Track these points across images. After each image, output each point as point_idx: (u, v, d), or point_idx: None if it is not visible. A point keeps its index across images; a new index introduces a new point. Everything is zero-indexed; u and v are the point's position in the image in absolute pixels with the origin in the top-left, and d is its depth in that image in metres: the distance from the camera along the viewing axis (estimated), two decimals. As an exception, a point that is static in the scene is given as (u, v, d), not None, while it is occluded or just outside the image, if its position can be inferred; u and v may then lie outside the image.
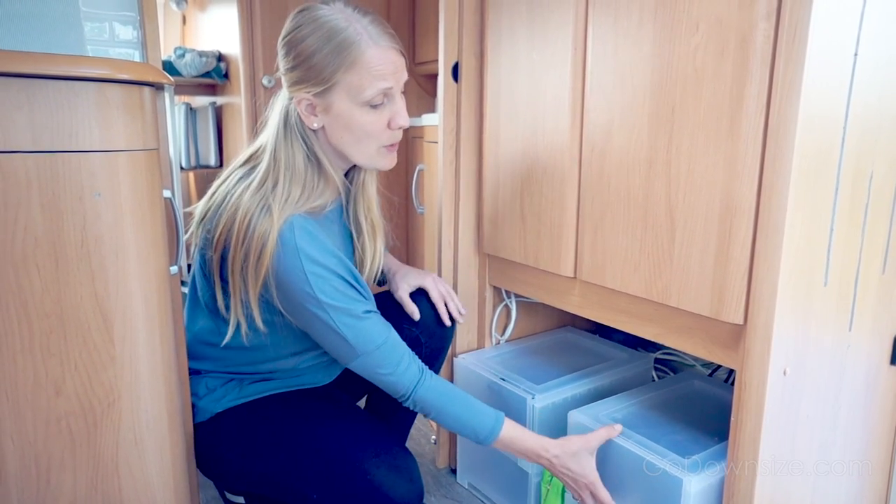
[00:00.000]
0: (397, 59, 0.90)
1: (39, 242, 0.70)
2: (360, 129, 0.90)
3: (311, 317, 0.90)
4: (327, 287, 0.88)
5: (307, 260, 0.87)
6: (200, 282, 1.00)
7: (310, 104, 0.91)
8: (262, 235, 0.87)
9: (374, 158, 0.94)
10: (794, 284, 0.84)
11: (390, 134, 0.92)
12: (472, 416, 0.97)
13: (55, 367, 0.73)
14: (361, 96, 0.88)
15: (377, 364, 0.94)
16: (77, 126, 0.70)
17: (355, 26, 0.87)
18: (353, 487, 0.91)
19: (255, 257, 0.87)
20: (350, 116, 0.89)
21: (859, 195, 0.91)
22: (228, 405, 1.02)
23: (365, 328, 0.92)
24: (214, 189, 0.99)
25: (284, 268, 0.87)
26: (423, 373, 0.96)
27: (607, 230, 1.04)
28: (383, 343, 0.93)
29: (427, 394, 0.95)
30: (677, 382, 1.25)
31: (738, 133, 0.83)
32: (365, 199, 1.04)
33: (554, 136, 1.12)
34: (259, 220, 0.87)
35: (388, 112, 0.91)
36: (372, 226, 1.05)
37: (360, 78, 0.87)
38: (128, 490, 0.82)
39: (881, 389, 1.08)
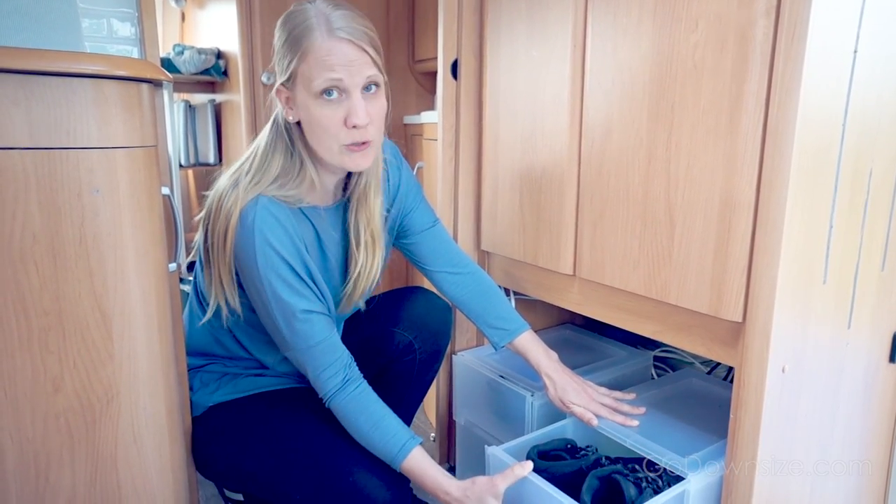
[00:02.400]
0: (353, 53, 0.87)
1: (38, 239, 0.70)
2: (315, 122, 0.89)
3: (256, 297, 0.92)
4: (273, 273, 0.89)
5: (261, 240, 0.88)
6: (201, 266, 1.01)
7: (287, 97, 0.92)
8: (228, 211, 0.89)
9: (337, 157, 0.91)
10: (793, 282, 0.84)
11: (347, 132, 0.89)
12: (381, 437, 0.92)
13: (53, 364, 0.73)
14: (312, 87, 0.87)
15: (304, 362, 0.94)
16: (75, 123, 0.70)
17: (319, 18, 0.87)
18: (335, 489, 0.91)
19: (223, 234, 0.90)
20: (307, 108, 0.89)
21: (858, 192, 0.90)
22: (221, 399, 1.02)
23: (301, 327, 0.91)
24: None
25: (240, 243, 0.89)
26: (345, 383, 0.93)
27: (606, 227, 1.04)
28: (317, 344, 0.92)
29: (341, 405, 0.93)
30: (676, 380, 1.25)
31: (738, 130, 0.83)
32: (366, 209, 1.02)
33: (553, 133, 1.12)
34: (227, 199, 0.90)
35: (345, 108, 0.88)
36: (371, 237, 1.02)
37: (311, 68, 0.87)
38: (126, 487, 0.82)
39: (880, 387, 1.08)
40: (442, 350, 1.20)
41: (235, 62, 1.97)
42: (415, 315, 1.13)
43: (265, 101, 1.98)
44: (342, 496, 0.90)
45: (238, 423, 1.01)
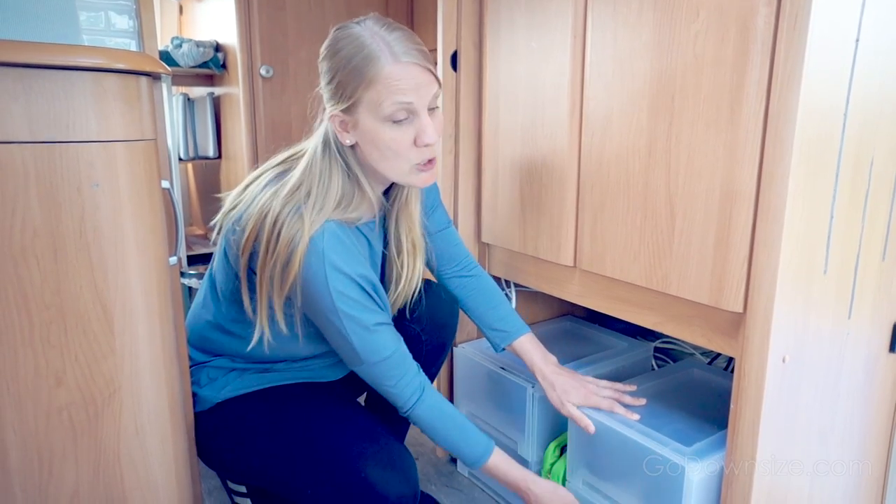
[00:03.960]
0: (419, 75, 0.87)
1: (38, 233, 0.70)
2: (385, 146, 0.89)
3: (325, 320, 0.91)
4: (345, 296, 0.89)
5: (330, 266, 0.87)
6: (223, 271, 1.00)
7: (342, 121, 0.91)
8: (292, 241, 0.87)
9: (407, 176, 0.93)
10: (793, 272, 0.84)
11: (418, 152, 0.90)
12: (464, 440, 0.98)
13: (55, 358, 0.73)
14: (381, 112, 0.87)
15: (380, 375, 0.95)
16: (74, 116, 0.70)
17: (379, 43, 0.85)
18: (347, 484, 0.91)
19: (283, 263, 0.87)
20: (375, 133, 0.89)
21: (860, 182, 0.90)
22: (229, 395, 1.02)
23: (373, 339, 0.92)
24: (246, 184, 0.98)
25: (308, 272, 0.88)
26: (423, 391, 0.97)
27: (607, 219, 1.04)
28: (389, 356, 0.94)
29: (424, 412, 0.96)
30: (677, 371, 1.25)
31: (739, 120, 0.83)
32: (407, 218, 1.03)
33: (553, 124, 1.12)
34: (289, 227, 0.87)
35: (414, 128, 0.89)
36: (413, 245, 1.05)
37: (379, 94, 0.86)
38: (130, 480, 0.82)
39: (880, 377, 1.08)
40: (448, 343, 1.20)
41: (234, 55, 1.96)
42: (423, 307, 1.14)
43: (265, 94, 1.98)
44: (354, 491, 0.91)
45: (247, 417, 1.01)
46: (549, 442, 1.24)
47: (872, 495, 1.17)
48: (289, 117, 2.05)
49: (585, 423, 1.05)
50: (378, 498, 0.90)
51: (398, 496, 0.91)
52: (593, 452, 1.08)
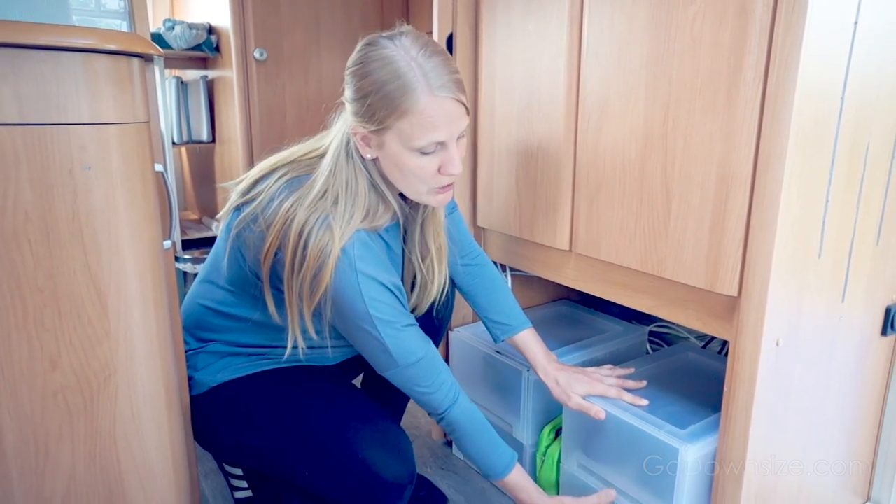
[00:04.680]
0: (454, 110, 0.85)
1: (30, 216, 0.69)
2: (409, 171, 0.88)
3: (356, 328, 0.90)
4: (377, 300, 0.88)
5: (362, 275, 0.87)
6: (234, 266, 0.98)
7: (364, 136, 0.89)
8: (322, 253, 0.85)
9: (423, 197, 0.92)
10: (788, 256, 0.85)
11: (440, 178, 0.90)
12: (494, 449, 0.98)
13: (50, 342, 0.73)
14: (411, 144, 0.85)
15: (416, 377, 0.93)
16: (65, 98, 0.69)
17: (415, 72, 0.82)
18: (344, 466, 0.92)
19: (313, 274, 0.86)
20: (400, 158, 0.87)
21: (855, 167, 0.90)
22: (225, 378, 1.02)
23: (407, 341, 0.91)
24: (256, 178, 0.95)
25: (340, 283, 0.87)
26: (458, 394, 0.96)
27: (603, 203, 1.04)
28: (423, 356, 0.93)
29: (461, 417, 0.96)
30: (672, 354, 1.26)
31: (735, 104, 0.82)
32: (434, 224, 1.03)
33: (550, 108, 1.11)
34: (318, 238, 0.86)
35: (440, 159, 0.88)
36: (439, 249, 1.04)
37: (412, 127, 0.84)
38: (126, 463, 0.82)
39: (871, 360, 1.09)
40: (445, 324, 1.21)
41: (227, 38, 1.94)
42: None
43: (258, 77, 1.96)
44: (352, 473, 0.91)
45: (244, 399, 1.01)
46: (545, 425, 1.25)
47: (861, 474, 1.19)
48: (283, 101, 2.03)
49: (595, 410, 1.04)
50: (374, 479, 0.91)
51: (394, 477, 0.92)
52: (588, 435, 1.09)
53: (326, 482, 0.93)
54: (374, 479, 0.91)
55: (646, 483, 1.00)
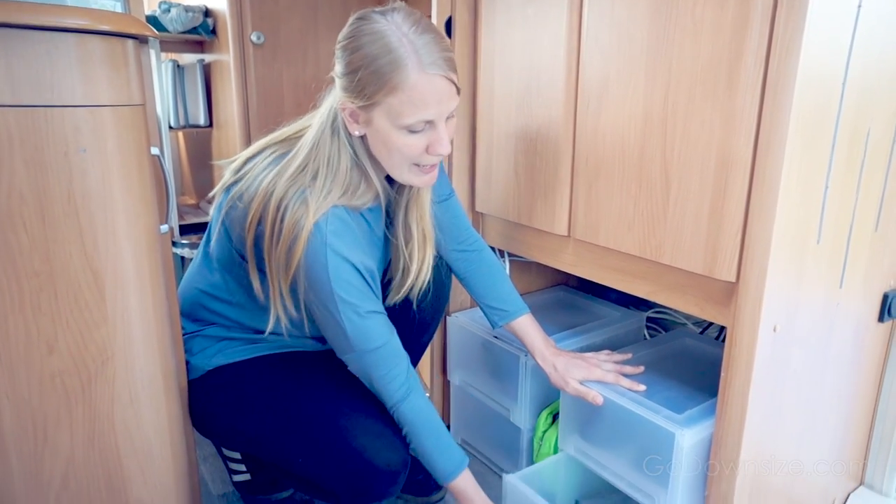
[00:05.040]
0: (444, 89, 0.84)
1: (25, 199, 0.69)
2: (395, 149, 0.87)
3: (320, 305, 0.90)
4: (342, 279, 0.88)
5: (331, 250, 0.86)
6: (221, 245, 0.99)
7: (352, 112, 0.88)
8: (296, 226, 0.85)
9: (408, 176, 0.92)
10: (787, 242, 0.84)
11: (427, 157, 0.89)
12: (441, 452, 0.95)
13: (47, 325, 0.73)
14: (399, 121, 0.85)
15: (369, 365, 0.93)
16: (58, 79, 0.69)
17: (406, 48, 0.81)
18: (337, 453, 0.92)
19: (288, 247, 0.86)
20: (387, 135, 0.87)
21: (856, 152, 0.90)
22: (221, 362, 1.02)
23: (367, 326, 0.91)
24: (247, 157, 0.96)
25: (309, 257, 0.86)
26: (411, 390, 0.94)
27: (602, 188, 1.03)
28: (381, 346, 0.92)
29: (409, 414, 0.94)
30: (669, 340, 1.26)
31: (736, 88, 0.82)
32: (418, 207, 1.01)
33: (549, 92, 1.11)
34: (294, 210, 0.86)
35: (428, 138, 0.87)
36: (423, 233, 1.03)
37: (401, 104, 0.83)
38: (125, 446, 0.82)
39: (868, 346, 1.09)
40: (441, 311, 1.21)
41: (224, 21, 1.92)
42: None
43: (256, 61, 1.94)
44: (345, 460, 0.92)
45: (238, 385, 1.01)
46: (542, 410, 1.25)
47: (856, 458, 1.20)
48: (280, 85, 2.01)
49: (593, 395, 1.04)
50: (367, 466, 0.91)
51: (387, 464, 0.92)
52: (585, 420, 1.10)
53: (320, 469, 0.94)
54: (367, 467, 0.91)
55: (643, 468, 1.00)
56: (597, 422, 1.07)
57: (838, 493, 1.18)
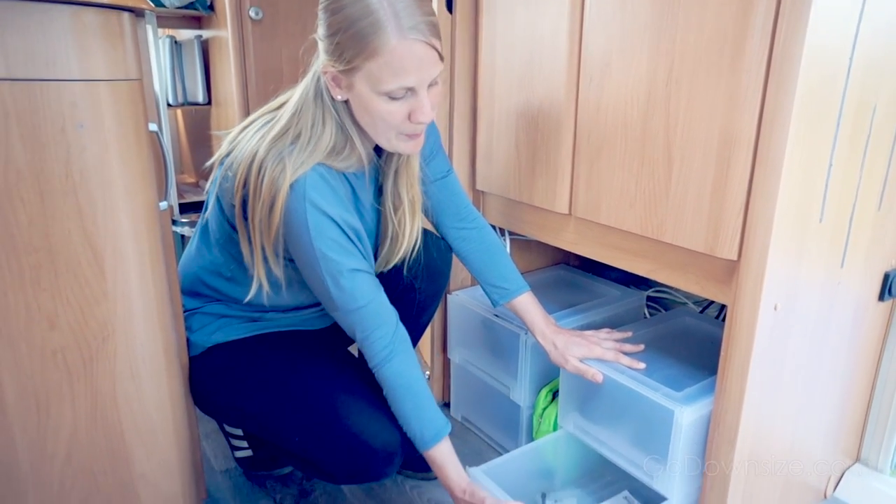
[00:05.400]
0: (425, 55, 0.82)
1: (22, 175, 0.68)
2: (377, 116, 0.86)
3: (305, 263, 0.90)
4: (323, 235, 0.87)
5: (310, 204, 0.86)
6: (215, 218, 0.99)
7: (335, 76, 0.87)
8: (275, 184, 0.85)
9: (393, 143, 0.91)
10: (790, 220, 0.84)
11: (410, 125, 0.88)
12: (419, 418, 0.93)
13: (47, 302, 0.73)
14: (379, 87, 0.83)
15: (354, 323, 0.92)
16: (53, 53, 0.68)
17: (386, 10, 0.79)
18: (333, 434, 0.92)
19: (268, 206, 0.86)
20: (369, 101, 0.86)
21: (860, 129, 0.89)
22: (220, 340, 1.03)
23: (350, 285, 0.90)
24: (242, 127, 0.95)
25: (289, 212, 0.86)
26: (393, 354, 0.93)
27: (603, 165, 1.03)
28: (365, 305, 0.91)
29: (391, 373, 0.92)
30: (669, 319, 1.27)
31: (741, 64, 0.80)
32: (408, 174, 1.00)
33: (551, 69, 1.09)
34: (272, 170, 0.85)
35: (409, 105, 0.86)
36: (412, 201, 1.02)
37: (380, 69, 0.82)
38: (128, 422, 0.83)
39: (867, 325, 1.09)
40: (441, 290, 1.20)
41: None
42: (416, 256, 1.13)
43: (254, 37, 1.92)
44: (340, 440, 0.92)
45: (238, 363, 1.02)
46: (542, 387, 1.26)
47: (852, 435, 1.21)
48: (280, 61, 1.99)
49: (592, 373, 1.04)
50: (363, 447, 0.92)
51: (383, 445, 0.93)
52: (584, 397, 1.11)
53: (316, 449, 0.94)
54: (363, 448, 0.92)
55: (642, 444, 1.01)
56: (596, 399, 1.08)
57: (834, 469, 1.19)
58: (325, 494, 1.22)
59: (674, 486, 0.97)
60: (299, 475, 1.27)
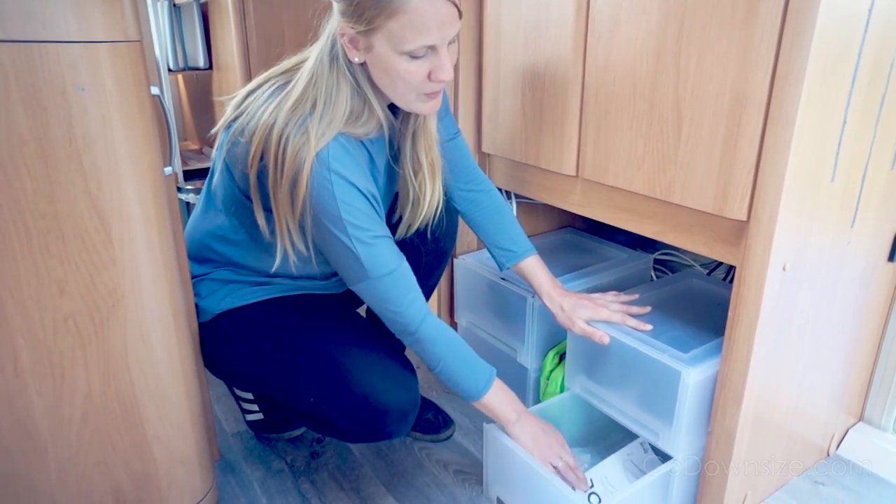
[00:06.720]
0: (447, 11, 0.81)
1: (24, 140, 0.68)
2: (397, 75, 0.85)
3: (329, 235, 0.89)
4: (349, 205, 0.87)
5: (336, 176, 0.85)
6: (223, 184, 0.98)
7: (352, 38, 0.85)
8: (298, 156, 0.84)
9: (412, 104, 0.90)
10: (801, 180, 0.83)
11: (430, 85, 0.87)
12: (470, 366, 0.97)
13: (56, 268, 0.73)
14: (401, 47, 0.82)
15: (387, 290, 0.91)
16: (49, 13, 0.66)
17: None
18: (347, 394, 0.93)
19: (292, 180, 0.85)
20: (388, 62, 0.84)
21: (877, 85, 0.87)
22: (230, 306, 1.03)
23: (379, 251, 0.90)
24: (248, 91, 0.94)
25: (314, 185, 0.85)
26: (428, 312, 0.95)
27: (611, 126, 1.01)
28: (395, 269, 0.91)
29: (432, 332, 0.94)
30: (676, 281, 1.27)
31: (755, 19, 0.78)
32: (426, 137, 0.99)
33: (558, 25, 1.07)
34: (295, 141, 0.84)
35: (430, 64, 0.85)
36: (432, 164, 1.01)
37: (402, 28, 0.80)
38: (140, 385, 0.84)
39: (875, 285, 1.09)
40: (447, 253, 1.20)
41: (219, -45, 1.84)
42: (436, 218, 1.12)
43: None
44: (354, 400, 0.93)
45: (249, 327, 1.03)
46: (549, 350, 1.27)
47: (856, 395, 1.21)
48: (281, 24, 1.95)
49: (599, 335, 1.05)
50: (378, 407, 0.93)
51: (396, 404, 0.94)
52: (591, 359, 1.11)
53: (330, 408, 0.96)
54: (377, 406, 0.93)
55: (648, 405, 1.02)
56: (603, 361, 1.09)
57: (838, 428, 1.20)
58: (335, 456, 1.24)
59: (679, 446, 0.99)
60: (310, 437, 1.29)
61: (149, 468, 0.88)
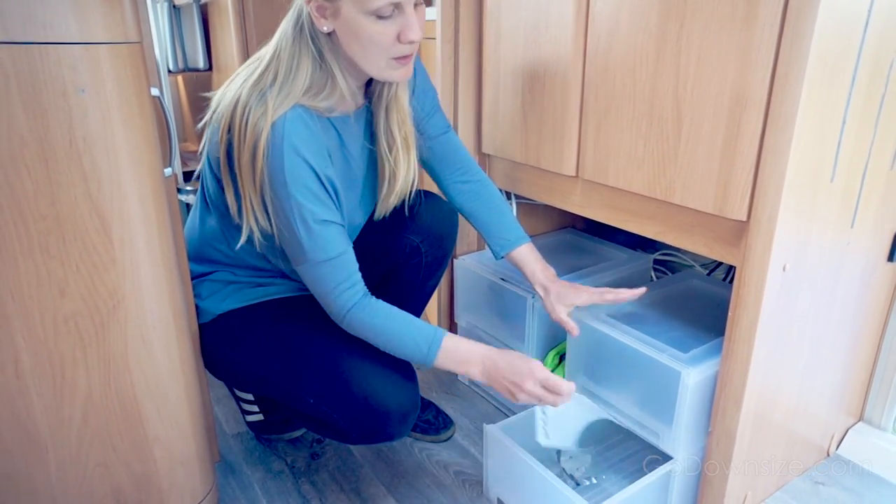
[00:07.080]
0: None
1: (25, 141, 0.68)
2: (367, 39, 0.85)
3: (279, 210, 0.88)
4: (299, 181, 0.86)
5: (290, 148, 0.85)
6: (209, 181, 0.98)
7: (319, 6, 0.85)
8: (257, 129, 0.84)
9: (384, 71, 0.89)
10: (800, 180, 0.83)
11: (400, 47, 0.87)
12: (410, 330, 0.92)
13: (57, 269, 0.73)
14: (367, 6, 0.82)
15: (323, 275, 0.91)
16: (50, 15, 0.66)
17: None
18: (347, 396, 0.93)
19: (251, 151, 0.85)
20: (357, 25, 0.84)
21: (876, 86, 0.87)
22: (231, 307, 1.03)
23: (322, 235, 0.89)
24: (225, 86, 0.94)
25: (269, 156, 0.85)
26: (364, 297, 0.92)
27: (611, 126, 1.01)
28: (336, 257, 0.90)
29: (364, 315, 0.91)
30: (676, 282, 1.27)
31: (755, 19, 0.78)
32: (399, 111, 0.99)
33: (558, 26, 1.07)
34: (254, 112, 0.85)
35: (398, 24, 0.85)
36: (405, 138, 1.01)
37: None
38: (140, 386, 0.84)
39: (875, 285, 1.09)
40: (448, 254, 1.20)
41: (219, -45, 1.85)
42: (422, 219, 1.12)
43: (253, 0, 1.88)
44: (355, 402, 0.93)
45: (249, 328, 1.03)
46: (549, 350, 1.27)
47: (856, 395, 1.21)
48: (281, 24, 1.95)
49: (570, 326, 1.06)
50: (378, 408, 0.93)
51: (397, 406, 0.94)
52: (591, 359, 1.11)
53: (331, 409, 0.96)
54: (377, 407, 0.93)
55: (648, 405, 1.02)
56: (603, 361, 1.09)
57: (837, 428, 1.20)
58: (335, 457, 1.24)
59: (679, 446, 0.99)
60: (310, 438, 1.29)
61: (149, 469, 0.89)
